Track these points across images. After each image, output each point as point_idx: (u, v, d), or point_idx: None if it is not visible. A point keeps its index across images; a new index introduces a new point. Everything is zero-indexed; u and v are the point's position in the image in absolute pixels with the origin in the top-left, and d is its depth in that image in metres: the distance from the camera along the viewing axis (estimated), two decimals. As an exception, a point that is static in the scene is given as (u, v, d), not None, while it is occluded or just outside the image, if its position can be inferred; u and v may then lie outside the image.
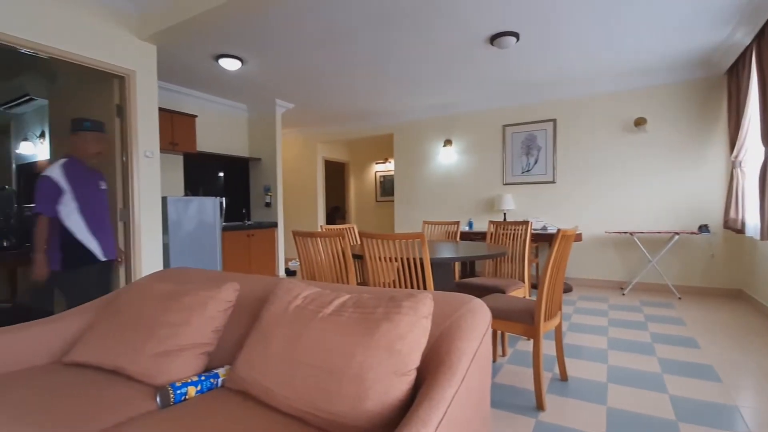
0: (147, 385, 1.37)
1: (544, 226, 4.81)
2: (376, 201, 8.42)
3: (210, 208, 3.74)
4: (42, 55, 2.44)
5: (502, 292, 2.66)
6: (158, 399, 1.27)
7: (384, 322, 1.09)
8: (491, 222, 3.42)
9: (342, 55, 3.79)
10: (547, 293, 1.98)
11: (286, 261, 6.56)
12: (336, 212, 9.21)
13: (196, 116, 4.47)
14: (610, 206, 4.77)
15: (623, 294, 4.43)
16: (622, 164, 4.70)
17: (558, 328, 2.25)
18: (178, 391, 1.29)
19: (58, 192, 2.26)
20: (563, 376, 2.28)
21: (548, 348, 2.75)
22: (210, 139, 5.09)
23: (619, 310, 3.75)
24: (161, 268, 2.98)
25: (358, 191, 8.68)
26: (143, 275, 2.85)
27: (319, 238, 2.31)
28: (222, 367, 1.46)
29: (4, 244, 2.94)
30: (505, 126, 5.42)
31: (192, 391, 1.32)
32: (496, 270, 3.32)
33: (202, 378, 1.37)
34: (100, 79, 2.84)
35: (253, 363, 1.25)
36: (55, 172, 2.27)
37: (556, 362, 2.52)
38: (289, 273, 5.70)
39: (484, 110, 5.56)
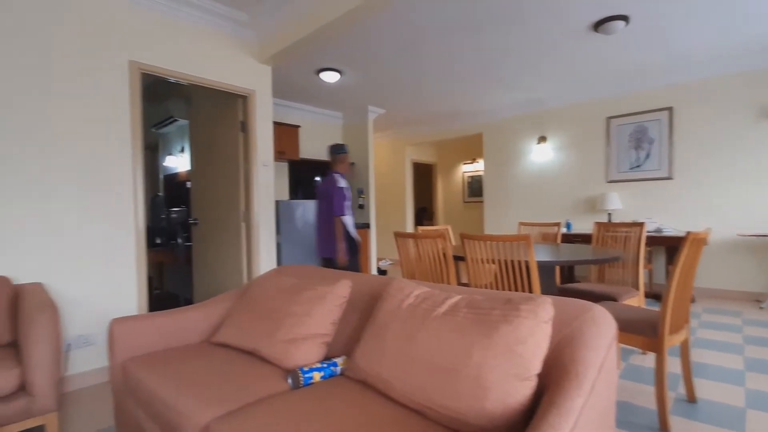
0: (278, 367, 1.56)
1: (659, 228, 4.29)
2: (464, 202, 8.31)
3: (314, 210, 4.08)
4: (183, 82, 2.90)
5: (614, 300, 2.45)
6: (290, 380, 1.44)
7: (502, 324, 1.11)
8: (597, 223, 3.17)
9: (435, 57, 3.84)
10: (674, 303, 1.79)
11: (377, 260, 6.80)
12: (423, 213, 9.29)
13: (299, 126, 4.90)
14: (744, 205, 4.07)
15: (761, 308, 3.76)
16: (756, 156, 3.98)
17: (684, 344, 2.01)
18: (306, 375, 1.45)
19: (348, 199, 3.11)
20: (690, 397, 2.04)
21: (669, 364, 2.47)
22: (309, 147, 5.54)
23: (756, 326, 3.20)
24: (275, 264, 3.34)
25: (445, 192, 8.65)
26: (260, 270, 3.23)
27: (420, 239, 2.39)
28: (339, 357, 1.60)
29: (157, 241, 3.56)
30: (609, 118, 4.95)
31: (317, 376, 1.47)
32: (600, 275, 3.07)
33: (325, 365, 1.52)
34: (228, 99, 3.28)
35: (371, 356, 1.35)
36: (344, 184, 3.12)
37: (679, 380, 2.25)
38: (380, 272, 5.92)
39: (583, 102, 5.16)
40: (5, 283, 1.96)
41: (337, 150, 3.24)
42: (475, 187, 8.05)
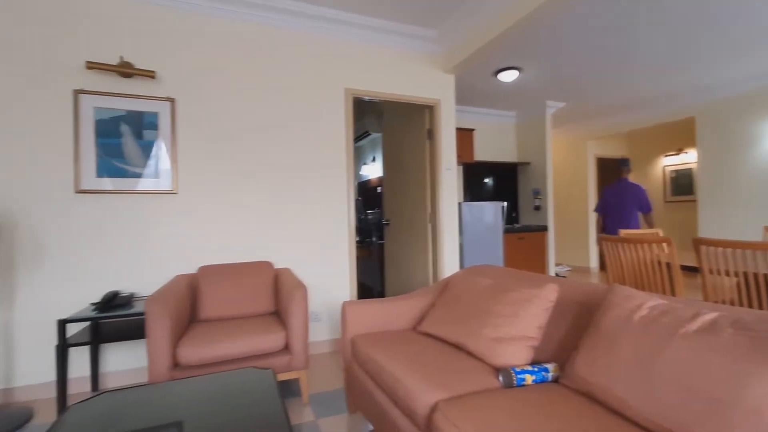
0: (485, 363, 1.62)
1: None
2: (665, 201, 6.91)
3: (492, 212, 4.07)
4: (376, 100, 3.30)
5: None
6: (501, 378, 1.48)
7: (801, 354, 0.89)
8: None
9: (627, 37, 3.33)
10: None
11: (555, 266, 6.30)
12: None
13: (473, 130, 4.96)
14: None
15: None
16: None
17: None
18: (519, 376, 1.46)
19: None
20: None
21: None
22: (482, 149, 5.54)
23: None
24: (457, 263, 3.48)
25: (638, 191, 7.36)
26: (445, 268, 3.41)
27: (634, 244, 2.11)
28: (548, 363, 1.56)
29: (356, 239, 4.16)
30: None
31: (529, 378, 1.47)
32: None
33: (535, 369, 1.50)
34: (416, 111, 3.59)
35: (597, 368, 1.27)
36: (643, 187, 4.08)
37: None
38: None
39: None
40: (270, 267, 2.62)
41: (625, 163, 4.13)
42: (682, 183, 6.61)
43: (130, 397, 1.37)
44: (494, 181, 5.63)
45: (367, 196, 5.39)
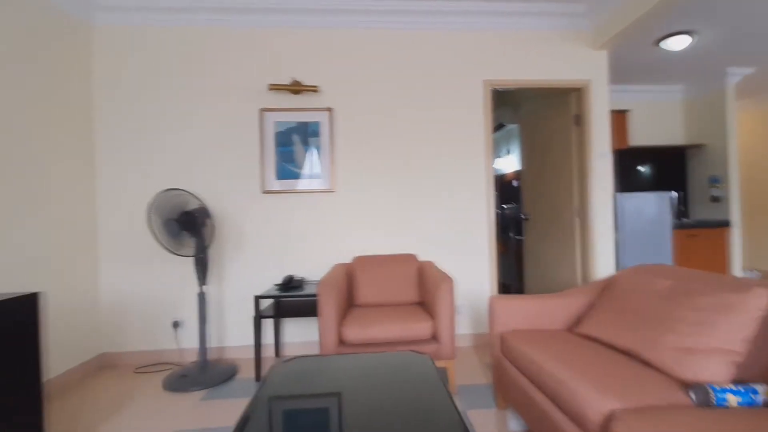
0: (666, 375, 1.43)
1: None
2: None
3: (657, 204, 3.52)
4: (510, 88, 3.15)
5: None
6: (693, 395, 1.28)
7: None
8: None
9: None
10: None
11: (742, 270, 5.12)
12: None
13: (627, 111, 4.34)
14: None
15: None
16: None
17: None
18: (719, 395, 1.25)
19: None
20: None
21: None
22: (638, 132, 4.81)
23: None
24: (613, 262, 3.11)
25: None
26: (597, 267, 3.09)
27: None
28: (758, 384, 1.29)
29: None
30: None
31: (733, 400, 1.25)
32: None
33: (740, 389, 1.26)
34: (559, 96, 3.33)
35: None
36: None
37: None
38: (747, 287, 4.39)
39: None
40: (414, 259, 2.77)
41: None
42: None
43: (315, 363, 1.63)
44: (654, 169, 4.83)
45: (502, 190, 5.20)
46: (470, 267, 3.07)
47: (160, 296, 2.88)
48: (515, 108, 4.40)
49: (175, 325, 2.88)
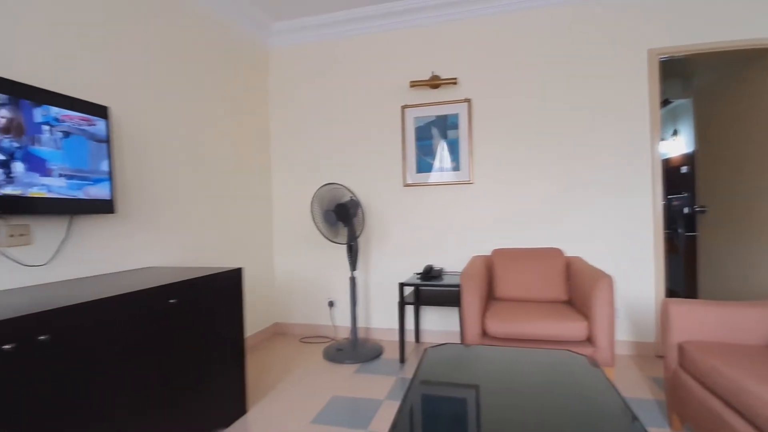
0: None
1: None
2: None
3: None
4: (681, 55, 2.62)
5: None
6: None
7: None
8: None
9: None
10: None
11: None
12: None
13: None
14: None
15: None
16: None
17: None
18: None
19: None
20: None
21: None
22: None
23: None
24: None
25: None
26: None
27: None
28: None
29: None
30: None
31: None
32: None
33: None
34: (753, 60, 2.68)
35: None
36: None
37: None
38: None
39: None
40: (560, 254, 2.59)
41: None
42: None
43: (466, 352, 1.66)
44: None
45: (668, 177, 4.42)
46: (628, 267, 2.72)
47: (318, 278, 3.30)
48: (686, 80, 3.69)
49: (330, 304, 3.27)
